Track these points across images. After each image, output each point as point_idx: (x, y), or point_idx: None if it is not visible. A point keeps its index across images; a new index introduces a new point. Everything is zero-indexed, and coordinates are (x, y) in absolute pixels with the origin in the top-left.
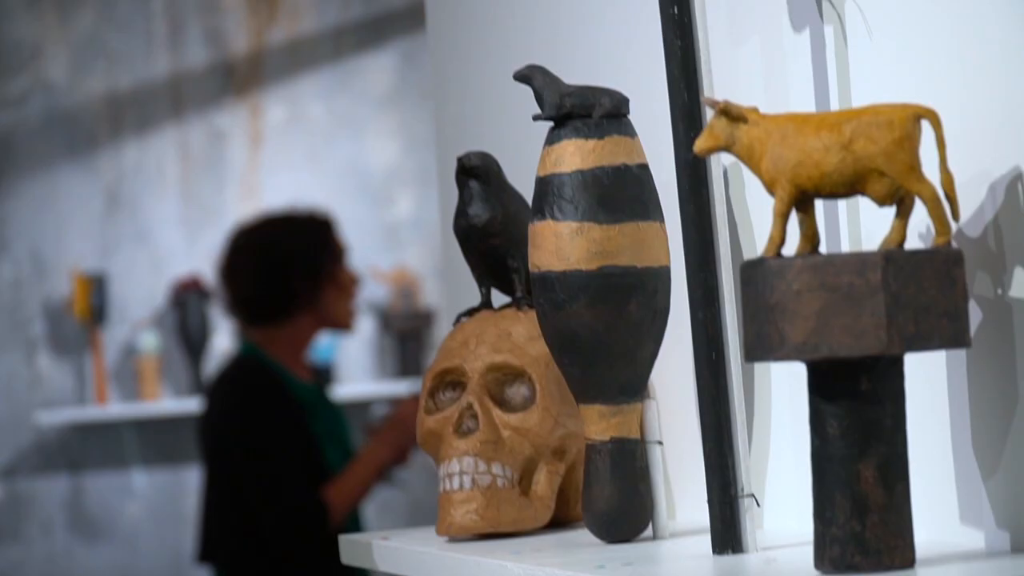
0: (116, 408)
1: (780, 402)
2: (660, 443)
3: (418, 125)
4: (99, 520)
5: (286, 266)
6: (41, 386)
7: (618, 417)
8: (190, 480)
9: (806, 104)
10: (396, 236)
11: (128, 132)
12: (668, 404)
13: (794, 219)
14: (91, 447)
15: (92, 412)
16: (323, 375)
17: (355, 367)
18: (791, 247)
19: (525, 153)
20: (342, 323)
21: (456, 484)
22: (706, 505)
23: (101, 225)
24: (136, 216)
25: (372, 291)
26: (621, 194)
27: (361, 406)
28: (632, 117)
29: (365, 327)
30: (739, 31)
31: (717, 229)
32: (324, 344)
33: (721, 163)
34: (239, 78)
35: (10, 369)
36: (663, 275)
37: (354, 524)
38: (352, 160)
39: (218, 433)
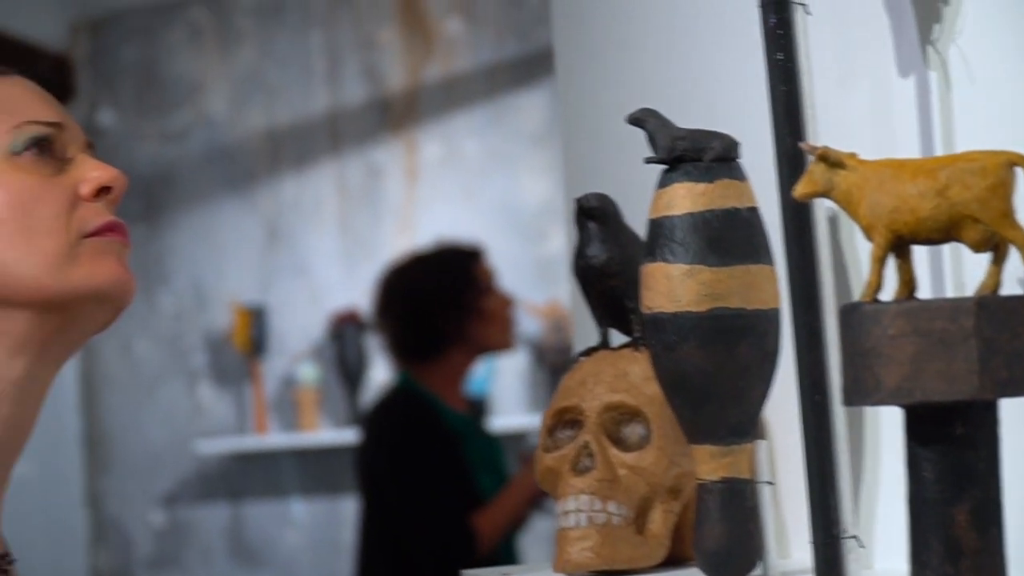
0: (275, 438)
1: (889, 443)
2: (770, 483)
3: None
4: (258, 548)
5: (430, 305)
6: (202, 416)
7: (728, 457)
8: (347, 510)
9: (912, 150)
10: (549, 271)
11: (287, 167)
12: (780, 444)
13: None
14: (251, 476)
15: (252, 442)
16: (478, 406)
17: (509, 399)
18: (890, 292)
19: (650, 196)
20: (497, 347)
21: (572, 521)
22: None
23: (261, 258)
24: (295, 249)
25: (525, 325)
26: (731, 237)
27: (515, 437)
28: (741, 161)
29: (519, 360)
30: (845, 76)
31: (821, 272)
32: (480, 376)
33: (825, 207)
34: (395, 114)
35: (172, 399)
36: (773, 317)
37: (508, 554)
38: (505, 196)
39: (373, 463)
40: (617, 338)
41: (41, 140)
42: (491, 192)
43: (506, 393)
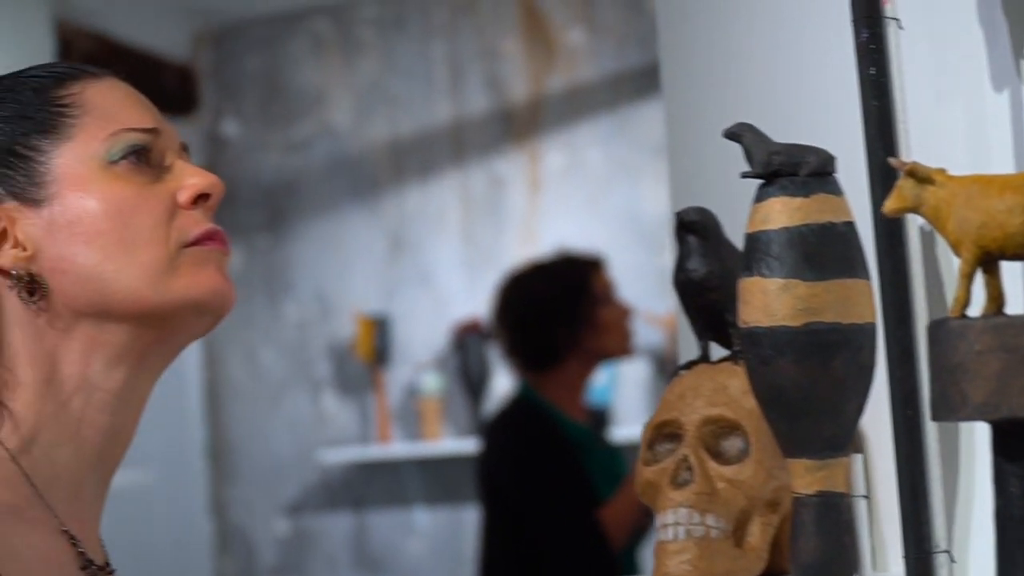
0: (399, 447)
1: (983, 458)
2: (866, 497)
3: None
4: (381, 557)
5: (546, 314)
6: (326, 425)
7: (824, 471)
8: (470, 518)
9: (1006, 165)
10: (670, 281)
11: (410, 177)
12: (876, 458)
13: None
14: (374, 485)
15: (375, 451)
16: (599, 416)
17: (631, 409)
18: (979, 307)
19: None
20: (613, 356)
21: (671, 535)
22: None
23: (384, 268)
24: (418, 259)
25: (647, 335)
26: (827, 251)
27: (636, 447)
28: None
29: (640, 370)
30: (939, 91)
31: (913, 287)
32: (601, 386)
33: (919, 222)
34: (518, 124)
35: (296, 408)
36: (868, 332)
37: (630, 565)
38: (627, 206)
39: (495, 473)
40: (717, 351)
41: (138, 148)
42: (613, 202)
43: (627, 403)
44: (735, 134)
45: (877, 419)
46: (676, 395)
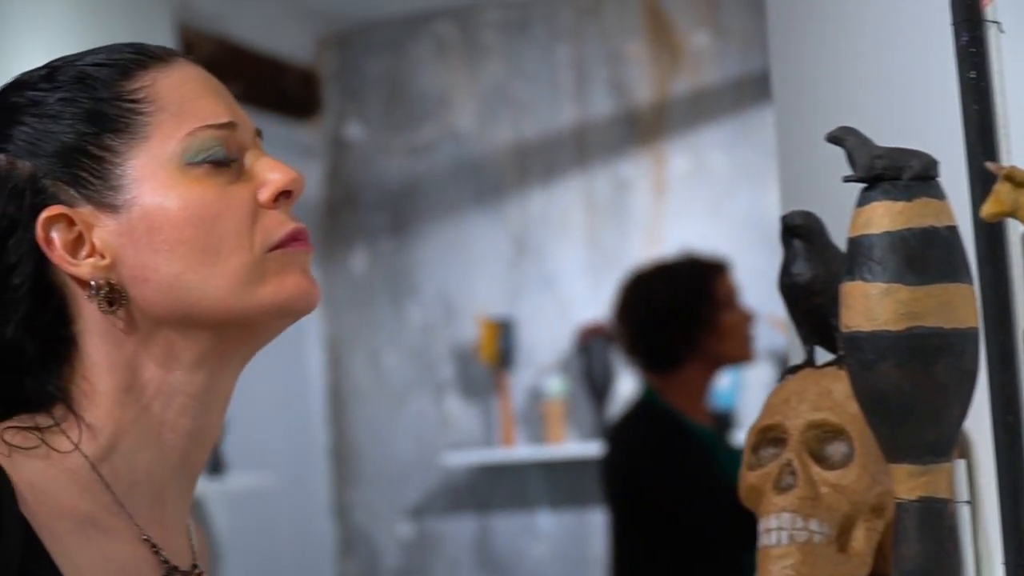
0: (523, 450)
1: None
2: (969, 503)
3: None
4: (505, 561)
5: (666, 317)
6: (449, 428)
7: (926, 476)
8: (595, 522)
9: None
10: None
11: (534, 180)
12: (981, 464)
13: None
14: (498, 488)
15: (499, 454)
16: (723, 420)
17: (755, 413)
18: None
19: None
20: (734, 361)
21: (774, 539)
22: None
23: (508, 271)
24: (542, 262)
25: (770, 339)
26: (929, 256)
27: None
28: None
29: (763, 373)
30: None
31: (1015, 293)
32: (725, 390)
33: (1019, 227)
34: (643, 128)
35: (420, 411)
36: (971, 337)
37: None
38: (752, 209)
39: (621, 477)
40: (822, 356)
41: (217, 147)
42: (738, 206)
43: (751, 406)
44: (837, 138)
45: (980, 424)
46: (781, 399)
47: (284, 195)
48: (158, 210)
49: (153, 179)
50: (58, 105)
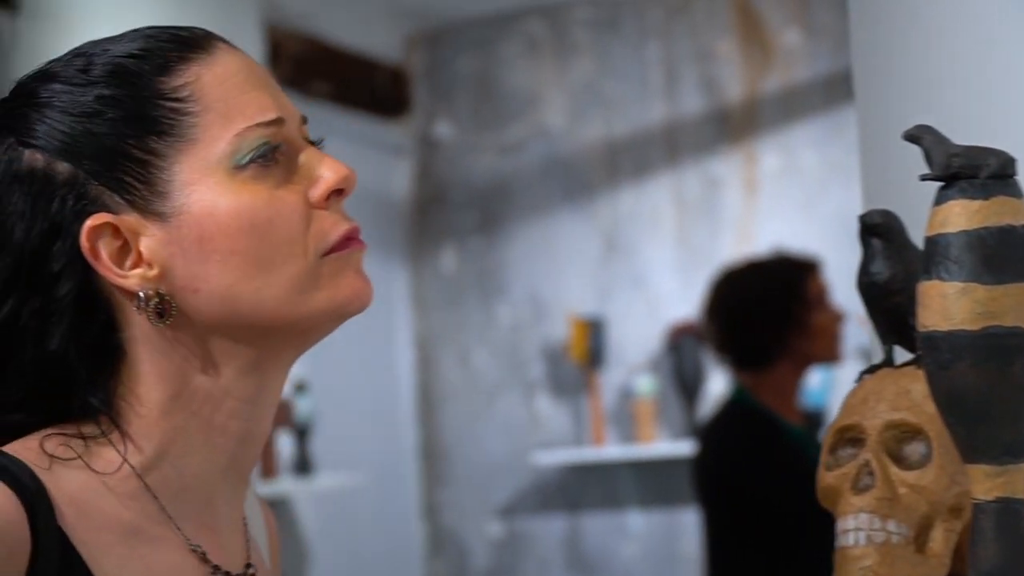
0: (613, 450)
1: None
2: None
3: None
4: (595, 560)
5: (756, 315)
6: (539, 427)
7: (1003, 477)
8: (685, 522)
9: None
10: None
11: (624, 178)
12: None
13: None
14: (588, 488)
15: (589, 453)
16: (814, 419)
17: None
18: None
19: None
20: (824, 360)
21: (852, 540)
22: None
23: (598, 270)
24: (632, 261)
25: (860, 338)
26: (1006, 255)
27: None
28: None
29: (854, 372)
30: None
31: None
32: (816, 388)
33: None
34: (733, 126)
35: (510, 410)
36: None
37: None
38: (843, 208)
39: (715, 477)
40: (901, 355)
41: (266, 146)
42: (829, 204)
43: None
44: (914, 136)
45: None
46: (859, 399)
47: (336, 193)
48: (209, 218)
49: (202, 185)
50: (96, 103)
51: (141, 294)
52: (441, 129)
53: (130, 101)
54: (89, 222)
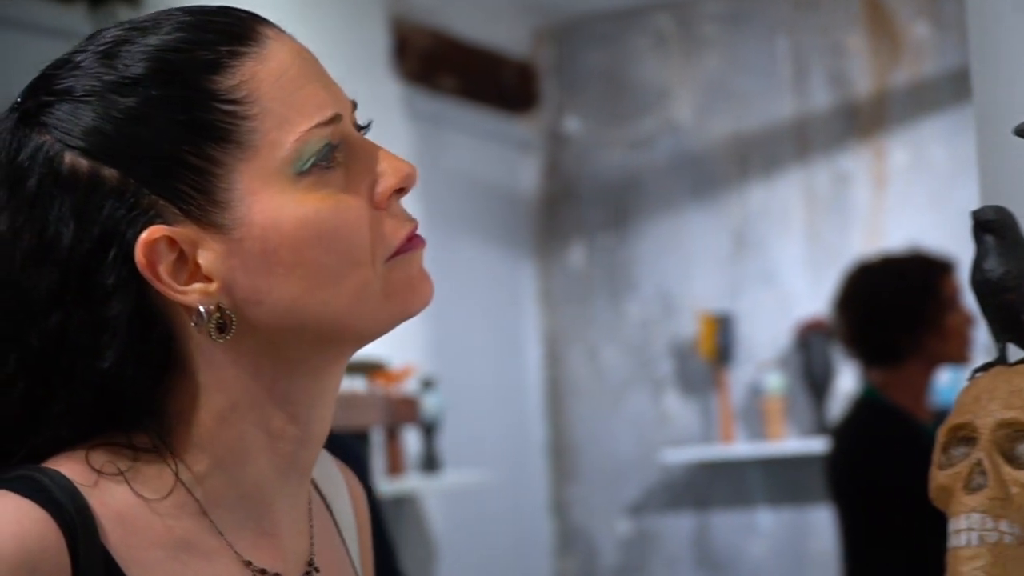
0: (742, 447)
1: None
2: None
3: None
4: (724, 558)
5: (886, 312)
6: (668, 425)
7: None
8: (815, 519)
9: None
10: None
11: (754, 174)
12: None
13: None
14: (717, 486)
15: (718, 451)
16: (944, 418)
17: None
18: None
19: None
20: (953, 361)
21: (964, 540)
22: None
23: (727, 266)
24: (762, 257)
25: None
26: None
27: None
28: None
29: None
30: None
31: None
32: (945, 385)
33: None
34: (863, 120)
35: (638, 408)
36: None
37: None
38: (972, 204)
39: (848, 476)
40: (1015, 353)
41: (327, 147)
42: (959, 200)
43: None
44: (1022, 131)
45: None
46: (971, 397)
47: (397, 192)
48: (272, 230)
49: (264, 194)
50: (143, 106)
51: (202, 310)
52: (569, 124)
53: (182, 104)
54: (145, 235)
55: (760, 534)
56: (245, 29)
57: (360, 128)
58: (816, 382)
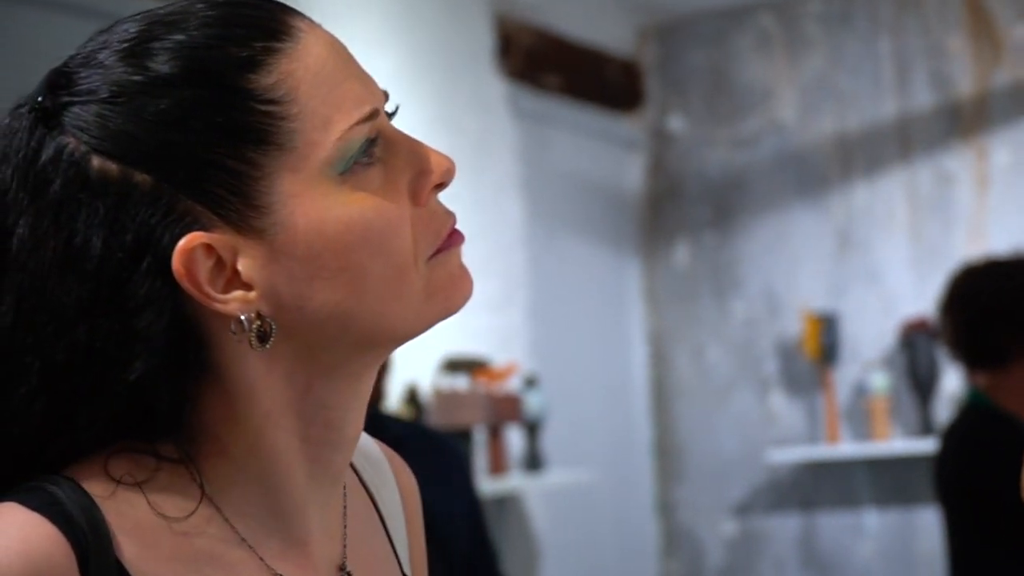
0: (847, 447)
1: None
2: None
3: None
4: (830, 559)
5: (990, 315)
6: (774, 424)
7: None
8: (922, 520)
9: None
10: None
11: (857, 173)
12: None
13: None
14: (822, 486)
15: (823, 451)
16: None
17: None
18: None
19: None
20: None
21: None
22: None
23: (832, 265)
24: (866, 257)
25: None
26: None
27: None
28: None
29: None
30: None
31: None
32: None
33: None
34: (965, 120)
35: (743, 407)
36: None
37: None
38: None
39: (955, 481)
40: None
41: (367, 143)
42: None
43: None
44: None
45: None
46: None
47: (437, 187)
48: (316, 235)
49: (305, 197)
50: (177, 109)
51: (242, 318)
52: (674, 123)
53: (218, 105)
54: (183, 243)
55: (867, 535)
56: (278, 23)
57: (390, 115)
58: (921, 382)
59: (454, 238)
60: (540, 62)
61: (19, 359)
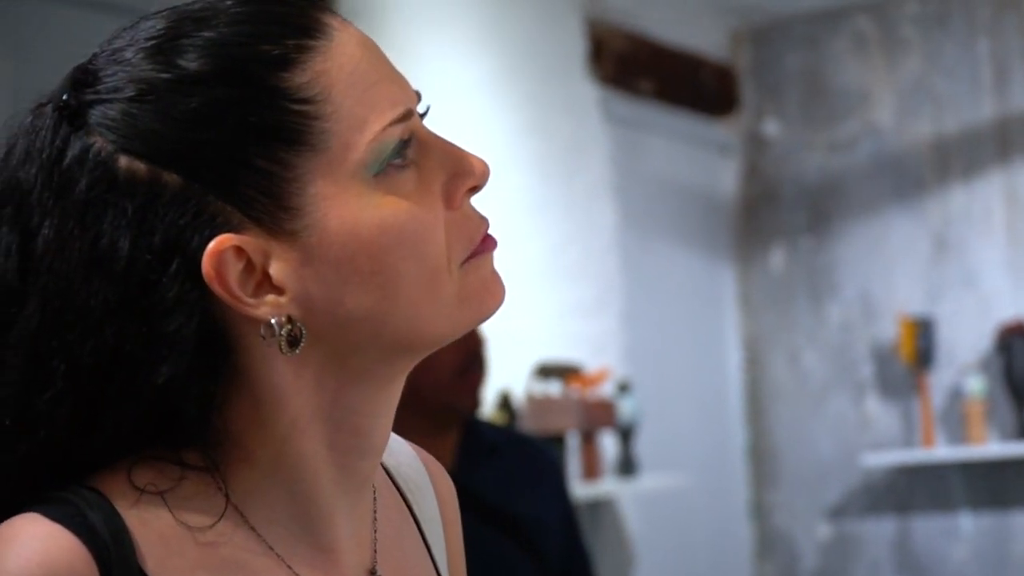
0: (942, 451)
1: None
2: None
3: None
4: (925, 563)
5: None
6: (869, 428)
7: None
8: (1018, 525)
9: None
10: None
11: (955, 176)
12: None
13: None
14: (917, 490)
15: (918, 455)
16: None
17: None
18: None
19: None
20: None
21: None
22: None
23: (928, 269)
24: (963, 260)
25: None
26: None
27: None
28: None
29: None
30: None
31: None
32: None
33: None
34: None
35: (839, 411)
36: None
37: None
38: None
39: None
40: None
41: (401, 144)
42: None
43: None
44: None
45: None
46: None
47: (471, 190)
48: (351, 236)
49: (339, 199)
50: (208, 108)
51: (273, 322)
52: (769, 127)
53: (249, 104)
54: (214, 245)
55: (962, 539)
56: (310, 20)
57: (423, 116)
58: (1017, 385)
59: (488, 243)
60: (633, 67)
61: (44, 363)
